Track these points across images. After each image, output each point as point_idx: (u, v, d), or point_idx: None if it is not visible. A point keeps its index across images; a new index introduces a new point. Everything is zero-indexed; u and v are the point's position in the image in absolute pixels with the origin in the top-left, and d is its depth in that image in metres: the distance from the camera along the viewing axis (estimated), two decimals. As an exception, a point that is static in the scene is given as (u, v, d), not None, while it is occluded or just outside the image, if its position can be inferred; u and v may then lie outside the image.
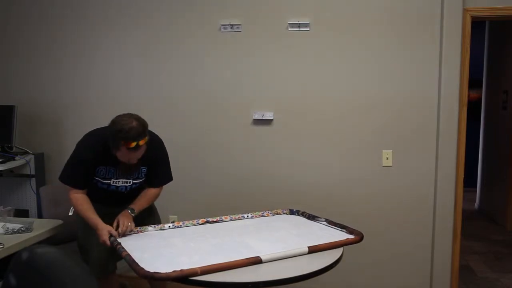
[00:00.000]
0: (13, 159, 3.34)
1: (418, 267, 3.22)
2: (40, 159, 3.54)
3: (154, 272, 1.79)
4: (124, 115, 2.25)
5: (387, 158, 3.18)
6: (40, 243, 2.48)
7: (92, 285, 1.68)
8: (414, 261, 3.22)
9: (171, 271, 1.79)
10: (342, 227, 2.38)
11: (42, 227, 2.63)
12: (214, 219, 2.59)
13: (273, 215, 2.71)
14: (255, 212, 2.70)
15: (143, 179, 2.51)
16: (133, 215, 2.42)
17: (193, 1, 3.32)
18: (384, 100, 3.16)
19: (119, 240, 2.24)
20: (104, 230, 2.25)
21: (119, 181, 2.44)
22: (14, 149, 3.46)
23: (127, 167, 2.36)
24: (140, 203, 2.51)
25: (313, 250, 2.08)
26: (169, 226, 2.49)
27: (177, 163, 3.39)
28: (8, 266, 1.62)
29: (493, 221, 5.33)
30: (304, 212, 2.67)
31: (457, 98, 3.06)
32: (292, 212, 2.73)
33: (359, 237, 2.24)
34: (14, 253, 1.89)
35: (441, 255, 3.17)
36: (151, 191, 2.57)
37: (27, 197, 3.50)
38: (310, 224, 2.53)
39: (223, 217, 2.61)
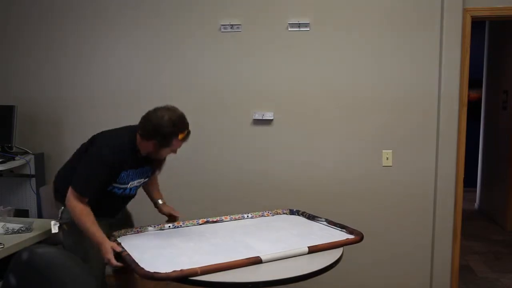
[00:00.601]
0: (13, 159, 3.34)
1: (418, 267, 3.22)
2: (40, 159, 3.54)
3: (154, 272, 1.80)
4: (156, 110, 2.20)
5: (387, 158, 3.18)
6: (40, 243, 2.47)
7: (92, 285, 1.68)
8: (414, 261, 3.22)
9: (171, 271, 1.79)
10: (342, 227, 2.38)
11: (42, 227, 2.62)
12: (214, 219, 2.59)
13: (273, 215, 2.71)
14: (255, 212, 2.70)
15: (147, 180, 2.48)
16: None
17: (193, 1, 3.32)
18: (384, 100, 3.16)
19: (119, 240, 2.24)
20: (109, 248, 2.08)
21: (134, 182, 2.34)
22: (14, 149, 3.45)
23: (161, 162, 2.38)
24: (159, 193, 2.61)
25: (313, 250, 2.08)
26: (169, 226, 2.49)
27: (177, 163, 3.40)
28: (8, 266, 1.62)
29: (493, 221, 5.33)
30: (304, 212, 2.67)
31: (457, 98, 3.07)
32: (292, 212, 2.73)
33: (359, 237, 2.24)
34: (14, 253, 1.89)
35: (441, 255, 3.18)
36: (155, 178, 2.63)
37: (27, 197, 3.50)
38: (310, 224, 2.53)
39: (223, 217, 2.61)
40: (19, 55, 3.64)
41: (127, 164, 2.25)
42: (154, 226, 2.47)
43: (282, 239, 2.25)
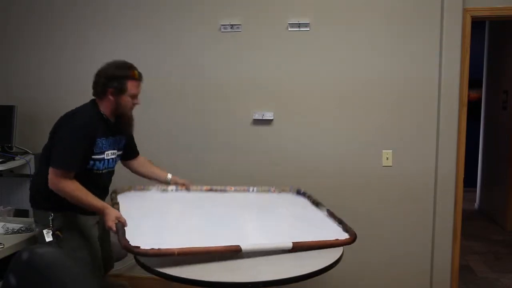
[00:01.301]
0: (13, 159, 3.34)
1: (418, 267, 3.22)
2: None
3: (135, 247, 1.86)
4: (99, 68, 2.35)
5: (387, 158, 3.18)
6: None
7: (92, 285, 1.68)
8: (414, 261, 3.22)
9: (149, 248, 1.85)
10: (340, 222, 2.35)
11: (42, 227, 2.62)
12: (219, 188, 2.53)
13: (279, 193, 2.63)
14: (262, 186, 2.62)
15: (121, 152, 2.48)
16: None
17: (193, 1, 3.32)
18: (384, 100, 3.16)
19: (119, 197, 2.30)
20: (112, 215, 2.08)
21: (109, 153, 2.33)
22: (14, 149, 3.45)
23: (129, 120, 2.36)
24: (161, 170, 2.61)
25: (297, 246, 2.06)
26: (172, 190, 2.47)
27: (177, 163, 3.40)
28: (8, 266, 1.62)
29: (493, 221, 5.34)
30: (310, 196, 2.61)
31: (457, 98, 3.07)
32: (298, 193, 2.65)
33: (351, 239, 2.20)
34: (14, 253, 1.89)
35: (441, 255, 3.17)
36: (146, 160, 2.65)
37: (27, 197, 3.48)
38: (311, 211, 2.47)
39: (227, 187, 2.55)
40: (19, 55, 3.64)
41: (99, 131, 2.25)
42: (158, 187, 2.46)
43: (276, 228, 2.22)
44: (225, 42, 3.29)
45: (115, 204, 2.17)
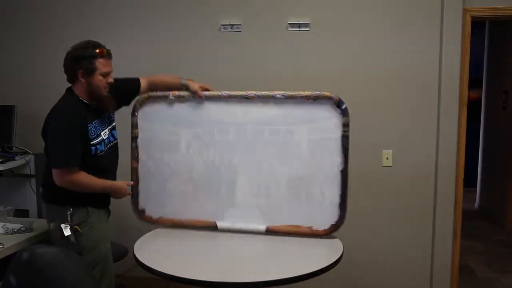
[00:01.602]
0: (13, 159, 3.33)
1: (418, 267, 3.22)
2: (40, 159, 3.53)
3: (140, 212, 2.51)
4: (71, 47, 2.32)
5: (387, 158, 3.18)
6: (40, 243, 2.48)
7: (92, 284, 1.69)
8: (414, 261, 3.22)
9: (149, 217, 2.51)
10: (342, 193, 2.44)
11: (42, 227, 2.62)
12: (239, 94, 2.45)
13: (313, 101, 2.38)
14: (292, 92, 2.44)
15: (114, 123, 2.47)
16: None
17: (193, 1, 3.32)
18: (384, 100, 3.16)
19: (140, 113, 2.54)
20: (124, 186, 2.37)
21: (106, 130, 2.35)
22: (14, 149, 3.45)
23: (107, 100, 2.31)
24: (168, 77, 2.64)
25: (271, 230, 2.34)
26: (189, 96, 2.51)
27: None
28: (8, 266, 1.62)
29: (493, 221, 5.34)
30: (346, 125, 2.44)
31: (457, 98, 3.07)
32: (339, 106, 2.42)
33: (324, 232, 2.33)
34: (14, 253, 1.89)
35: (441, 255, 3.18)
36: (148, 79, 2.60)
37: (27, 197, 3.49)
38: (327, 157, 2.45)
39: (249, 94, 2.43)
40: (19, 55, 3.64)
41: (87, 118, 2.25)
42: (174, 96, 2.50)
43: (271, 196, 2.41)
44: (225, 42, 3.29)
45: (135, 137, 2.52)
